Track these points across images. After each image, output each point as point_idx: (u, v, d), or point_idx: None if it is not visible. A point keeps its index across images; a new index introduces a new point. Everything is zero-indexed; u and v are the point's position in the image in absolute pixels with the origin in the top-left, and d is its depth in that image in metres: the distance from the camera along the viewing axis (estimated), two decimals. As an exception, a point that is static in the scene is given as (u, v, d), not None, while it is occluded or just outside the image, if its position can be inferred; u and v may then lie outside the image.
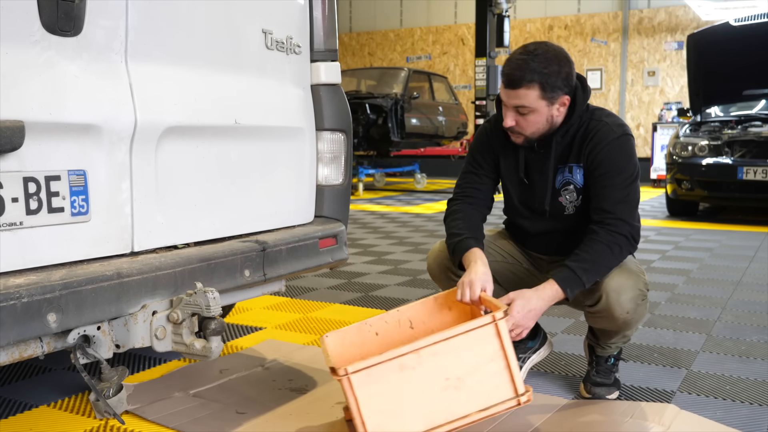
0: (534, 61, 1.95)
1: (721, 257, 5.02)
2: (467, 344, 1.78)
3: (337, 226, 2.53)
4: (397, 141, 10.24)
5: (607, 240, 2.00)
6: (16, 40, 1.61)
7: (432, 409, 1.78)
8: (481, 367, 1.79)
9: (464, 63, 15.17)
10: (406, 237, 6.04)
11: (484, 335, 1.79)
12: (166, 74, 1.97)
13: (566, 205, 2.16)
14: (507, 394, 1.80)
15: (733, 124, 7.14)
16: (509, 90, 1.99)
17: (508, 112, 2.04)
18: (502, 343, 1.79)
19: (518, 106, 2.00)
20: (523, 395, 1.80)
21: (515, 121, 2.04)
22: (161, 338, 1.83)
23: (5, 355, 1.61)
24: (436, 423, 1.77)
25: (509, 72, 1.97)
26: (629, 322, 2.07)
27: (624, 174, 2.06)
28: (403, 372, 1.75)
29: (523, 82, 1.96)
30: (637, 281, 2.05)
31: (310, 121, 2.50)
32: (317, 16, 2.50)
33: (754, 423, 2.08)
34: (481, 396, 1.79)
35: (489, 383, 1.79)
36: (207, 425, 2.01)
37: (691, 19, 13.01)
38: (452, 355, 1.78)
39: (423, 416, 1.77)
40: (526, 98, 1.98)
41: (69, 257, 1.75)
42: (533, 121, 2.03)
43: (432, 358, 1.77)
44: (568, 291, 1.97)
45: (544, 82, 1.96)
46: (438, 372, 1.77)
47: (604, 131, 2.08)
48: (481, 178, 2.26)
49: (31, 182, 1.64)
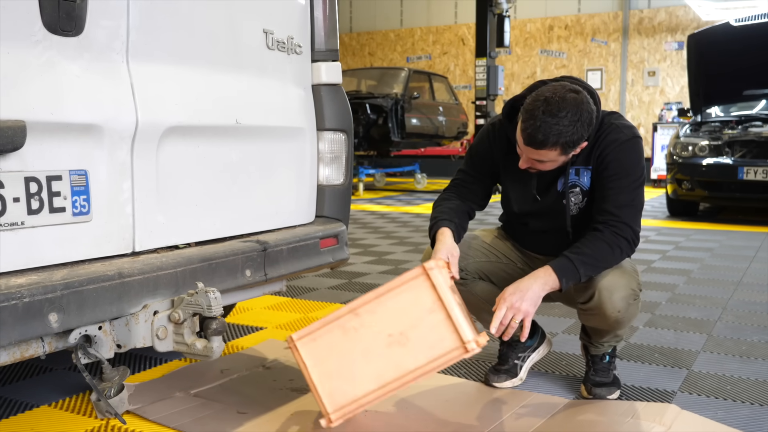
0: (559, 125, 1.89)
1: (722, 257, 5.02)
2: (403, 299, 1.81)
3: (337, 226, 2.53)
4: (398, 141, 10.25)
5: (611, 240, 2.01)
6: (18, 40, 1.61)
7: (381, 366, 1.81)
8: (422, 320, 1.81)
9: (464, 63, 15.17)
10: (406, 237, 6.04)
11: (417, 288, 1.81)
12: (168, 74, 1.97)
13: (572, 206, 2.16)
14: (452, 343, 1.79)
15: (734, 124, 7.14)
16: (529, 147, 1.96)
17: (525, 158, 2.02)
18: (438, 294, 1.80)
19: (539, 160, 2.00)
20: (469, 342, 1.78)
21: (533, 164, 2.03)
22: (162, 338, 1.83)
23: (7, 355, 1.61)
24: (386, 380, 1.81)
25: (532, 133, 1.91)
26: (620, 321, 2.08)
27: (632, 177, 2.06)
28: (346, 334, 1.82)
29: (547, 145, 1.92)
30: (630, 281, 2.05)
31: (311, 121, 2.50)
32: (318, 16, 2.50)
33: (755, 423, 2.08)
34: (427, 348, 1.80)
35: (433, 335, 1.80)
36: (208, 425, 2.01)
37: (691, 19, 13.01)
38: (391, 312, 1.82)
39: (373, 375, 1.82)
40: (546, 156, 1.96)
41: (70, 257, 1.75)
42: (550, 166, 2.04)
43: (371, 317, 1.81)
44: (563, 281, 1.96)
45: (567, 143, 1.93)
46: (380, 330, 1.81)
47: (614, 133, 2.07)
48: (475, 179, 2.27)
49: (32, 182, 1.64)
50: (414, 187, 11.67)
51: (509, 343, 2.38)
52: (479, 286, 2.25)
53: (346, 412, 1.84)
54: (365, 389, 1.82)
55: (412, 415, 2.11)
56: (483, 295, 2.24)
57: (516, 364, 2.38)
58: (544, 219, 2.22)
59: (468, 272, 2.23)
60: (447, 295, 1.80)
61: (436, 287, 1.80)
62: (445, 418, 2.09)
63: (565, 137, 1.90)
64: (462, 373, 2.50)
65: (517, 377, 2.37)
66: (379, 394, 1.83)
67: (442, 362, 1.81)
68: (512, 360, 2.38)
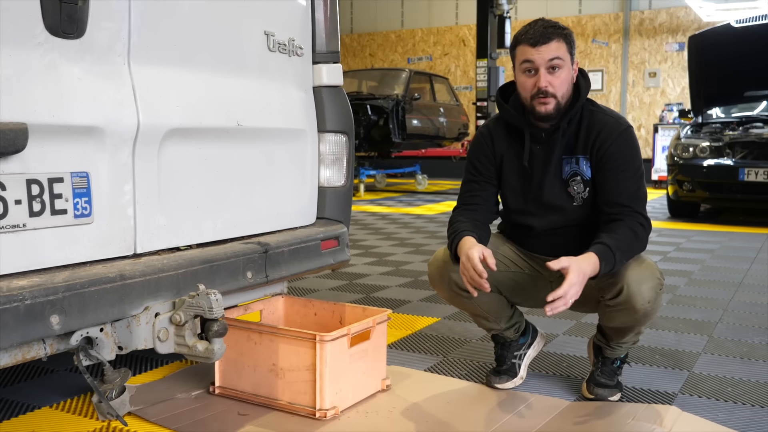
0: (550, 23, 2.09)
1: (723, 259, 5.02)
2: (293, 345, 2.10)
3: (338, 228, 2.53)
4: (399, 142, 10.24)
5: (633, 228, 2.05)
6: (20, 43, 1.61)
7: (260, 381, 2.17)
8: (299, 368, 2.09)
9: (465, 64, 15.17)
10: (407, 238, 6.04)
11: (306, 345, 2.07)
12: (169, 76, 1.98)
13: (575, 196, 2.18)
14: (309, 403, 2.09)
15: (735, 125, 7.14)
16: (541, 47, 2.05)
17: (541, 73, 2.07)
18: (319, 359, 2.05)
19: (553, 58, 2.05)
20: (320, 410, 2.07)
21: (549, 81, 2.07)
22: (164, 340, 1.83)
23: (8, 357, 1.61)
24: (259, 393, 2.17)
25: (536, 32, 2.06)
26: (648, 313, 2.08)
27: (634, 167, 2.13)
28: (248, 341, 2.17)
29: (554, 37, 2.06)
30: (653, 271, 2.08)
31: (312, 123, 2.50)
32: (319, 17, 2.50)
33: (756, 425, 2.08)
34: (292, 392, 2.12)
35: (299, 386, 2.10)
36: (209, 427, 2.02)
37: (692, 21, 13.01)
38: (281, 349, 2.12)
39: (252, 383, 2.18)
40: (559, 50, 2.06)
41: (72, 259, 1.76)
42: (564, 78, 2.09)
43: (268, 343, 2.13)
44: (603, 265, 1.95)
45: (567, 35, 2.09)
46: (269, 355, 2.14)
47: (610, 124, 2.14)
48: (482, 184, 2.26)
49: (34, 184, 1.65)
50: (415, 188, 11.67)
51: (503, 343, 2.39)
52: (485, 299, 2.24)
53: (225, 392, 2.23)
54: (243, 388, 2.20)
55: (413, 416, 2.11)
56: (486, 308, 2.28)
57: (514, 363, 2.38)
58: (546, 215, 2.22)
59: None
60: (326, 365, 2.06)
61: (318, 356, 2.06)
62: (447, 420, 2.09)
63: (563, 30, 2.08)
64: (463, 375, 2.50)
65: (517, 376, 2.37)
66: (250, 398, 2.18)
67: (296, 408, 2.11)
68: (509, 360, 2.38)
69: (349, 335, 2.11)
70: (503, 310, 2.32)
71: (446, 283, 2.23)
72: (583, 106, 2.16)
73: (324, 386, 2.05)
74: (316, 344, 2.04)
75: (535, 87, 2.07)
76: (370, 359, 2.23)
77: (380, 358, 2.29)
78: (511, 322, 2.36)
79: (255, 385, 2.18)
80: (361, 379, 2.20)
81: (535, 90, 2.07)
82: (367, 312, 2.34)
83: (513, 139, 2.22)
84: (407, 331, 3.07)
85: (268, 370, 2.14)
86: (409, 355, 2.73)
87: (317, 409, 2.06)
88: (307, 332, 2.07)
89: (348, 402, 2.15)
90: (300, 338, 2.07)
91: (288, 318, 2.52)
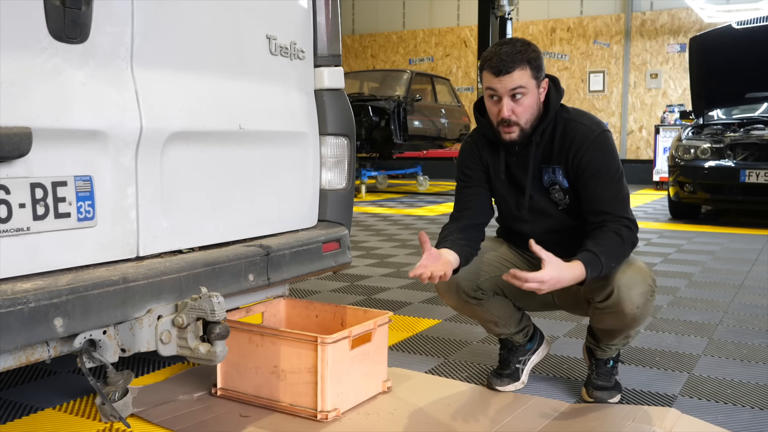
0: (515, 48, 2.05)
1: (724, 260, 5.03)
2: (294, 348, 2.11)
3: (340, 231, 2.54)
4: (400, 143, 10.25)
5: (616, 230, 2.05)
6: (24, 48, 1.62)
7: (260, 382, 2.19)
8: (300, 371, 2.11)
9: (467, 65, 15.18)
10: (408, 239, 6.05)
11: (307, 347, 2.08)
12: (172, 80, 1.99)
13: (558, 202, 2.20)
14: (310, 405, 2.10)
15: (736, 126, 7.14)
16: (504, 77, 2.04)
17: (504, 102, 2.07)
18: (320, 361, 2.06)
19: (515, 87, 2.04)
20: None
21: (512, 110, 2.08)
22: (166, 342, 1.84)
23: (12, 359, 1.62)
24: (260, 394, 2.19)
25: (500, 61, 2.03)
26: (637, 319, 2.09)
27: (611, 171, 2.12)
28: (250, 343, 2.19)
29: (516, 65, 2.03)
30: (646, 277, 2.08)
31: (314, 126, 2.51)
32: (321, 21, 2.51)
33: (756, 427, 2.09)
34: (293, 394, 2.13)
35: (300, 388, 2.10)
36: (211, 428, 2.03)
37: (693, 22, 13.01)
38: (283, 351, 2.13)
39: (254, 385, 2.20)
40: (521, 79, 2.04)
41: (75, 262, 1.77)
42: (528, 105, 2.08)
43: (270, 345, 2.15)
44: (589, 271, 1.96)
45: (532, 60, 2.05)
46: (271, 356, 2.16)
47: (583, 132, 2.13)
48: (474, 188, 2.28)
49: (38, 188, 1.66)
50: (416, 189, 11.68)
51: (510, 347, 2.40)
52: (494, 304, 2.28)
53: (227, 394, 2.25)
54: (245, 390, 2.22)
55: (414, 418, 2.12)
56: (495, 313, 2.30)
57: (518, 368, 2.39)
58: (538, 221, 2.23)
59: (483, 290, 2.25)
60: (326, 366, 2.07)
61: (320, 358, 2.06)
62: (448, 422, 2.10)
63: (527, 54, 2.04)
64: (464, 377, 2.51)
65: (519, 380, 2.38)
66: (252, 400, 2.20)
67: (298, 411, 2.12)
68: (513, 364, 2.39)
69: (350, 337, 2.12)
70: (512, 313, 2.34)
71: (454, 291, 2.24)
72: (557, 113, 2.16)
73: (325, 388, 2.07)
74: (317, 346, 2.05)
75: (499, 115, 2.09)
76: (371, 361, 2.24)
77: (381, 360, 2.30)
78: (521, 326, 2.37)
79: (257, 387, 2.19)
80: (362, 381, 2.21)
81: (500, 118, 2.09)
82: (369, 314, 2.35)
83: (493, 150, 2.24)
84: (408, 332, 3.08)
85: (269, 372, 2.16)
86: (411, 357, 2.74)
87: (318, 410, 2.07)
88: (308, 334, 2.08)
89: (349, 404, 2.16)
90: (301, 340, 2.09)
91: (289, 320, 2.53)
